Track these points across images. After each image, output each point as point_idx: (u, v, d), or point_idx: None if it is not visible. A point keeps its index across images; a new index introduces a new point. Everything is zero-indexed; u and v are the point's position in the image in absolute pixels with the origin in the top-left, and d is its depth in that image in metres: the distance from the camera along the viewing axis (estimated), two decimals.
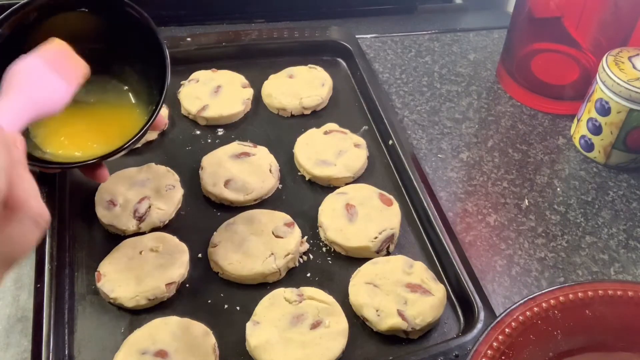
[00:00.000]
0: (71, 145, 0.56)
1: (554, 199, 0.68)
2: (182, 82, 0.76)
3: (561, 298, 0.50)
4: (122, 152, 0.53)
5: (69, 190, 0.63)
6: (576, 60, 0.79)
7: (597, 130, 0.70)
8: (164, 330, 0.52)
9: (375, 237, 0.59)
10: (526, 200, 0.68)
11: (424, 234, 0.62)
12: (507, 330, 0.47)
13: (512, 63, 0.81)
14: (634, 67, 0.67)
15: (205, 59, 0.79)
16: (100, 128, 0.58)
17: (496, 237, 0.64)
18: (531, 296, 0.50)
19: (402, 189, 0.67)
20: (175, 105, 0.74)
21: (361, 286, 0.55)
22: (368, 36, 0.89)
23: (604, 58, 0.68)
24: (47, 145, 0.55)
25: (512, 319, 0.48)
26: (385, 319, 0.53)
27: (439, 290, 0.55)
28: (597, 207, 0.68)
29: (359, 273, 0.57)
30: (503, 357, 0.46)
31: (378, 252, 0.59)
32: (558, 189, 0.69)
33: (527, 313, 0.48)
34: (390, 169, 0.69)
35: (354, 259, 0.59)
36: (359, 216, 0.61)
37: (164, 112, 0.71)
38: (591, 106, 0.70)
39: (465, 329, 0.54)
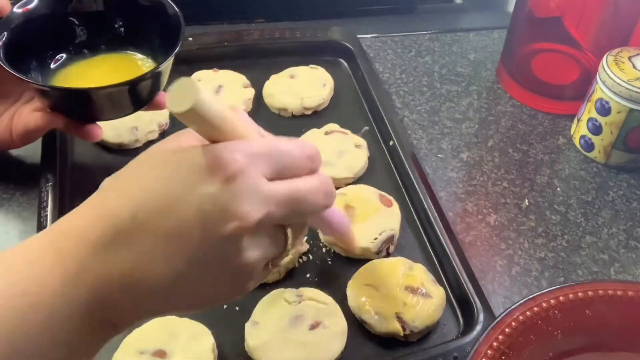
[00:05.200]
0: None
1: (554, 199, 0.68)
2: None
3: (561, 298, 0.50)
4: (144, 81, 0.56)
5: (69, 189, 0.63)
6: (576, 60, 0.79)
7: (597, 130, 0.70)
8: (162, 330, 0.52)
9: (375, 238, 0.59)
10: (526, 200, 0.68)
11: (424, 235, 0.62)
12: (507, 330, 0.47)
13: (512, 63, 0.81)
14: (634, 67, 0.67)
15: (206, 59, 0.79)
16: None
17: (496, 237, 0.64)
18: (531, 296, 0.50)
19: (402, 189, 0.66)
20: None
21: (360, 288, 0.55)
22: (368, 36, 0.89)
23: (604, 58, 0.68)
24: None
25: (512, 319, 0.48)
26: (384, 322, 0.53)
27: (438, 294, 0.55)
28: (597, 207, 0.67)
29: (358, 274, 0.57)
30: (503, 357, 0.46)
31: (378, 253, 0.59)
32: (558, 189, 0.69)
33: (527, 313, 0.48)
34: (391, 170, 0.69)
35: (354, 260, 0.59)
36: (359, 217, 0.61)
37: (164, 111, 0.71)
38: (591, 106, 0.70)
39: (464, 330, 0.54)
